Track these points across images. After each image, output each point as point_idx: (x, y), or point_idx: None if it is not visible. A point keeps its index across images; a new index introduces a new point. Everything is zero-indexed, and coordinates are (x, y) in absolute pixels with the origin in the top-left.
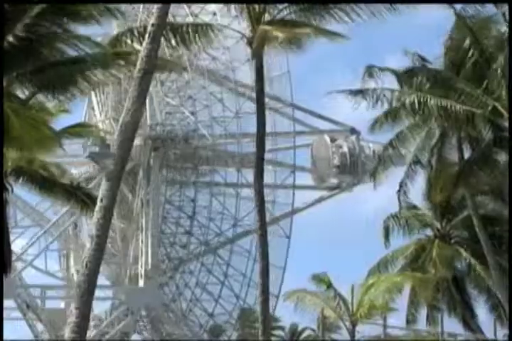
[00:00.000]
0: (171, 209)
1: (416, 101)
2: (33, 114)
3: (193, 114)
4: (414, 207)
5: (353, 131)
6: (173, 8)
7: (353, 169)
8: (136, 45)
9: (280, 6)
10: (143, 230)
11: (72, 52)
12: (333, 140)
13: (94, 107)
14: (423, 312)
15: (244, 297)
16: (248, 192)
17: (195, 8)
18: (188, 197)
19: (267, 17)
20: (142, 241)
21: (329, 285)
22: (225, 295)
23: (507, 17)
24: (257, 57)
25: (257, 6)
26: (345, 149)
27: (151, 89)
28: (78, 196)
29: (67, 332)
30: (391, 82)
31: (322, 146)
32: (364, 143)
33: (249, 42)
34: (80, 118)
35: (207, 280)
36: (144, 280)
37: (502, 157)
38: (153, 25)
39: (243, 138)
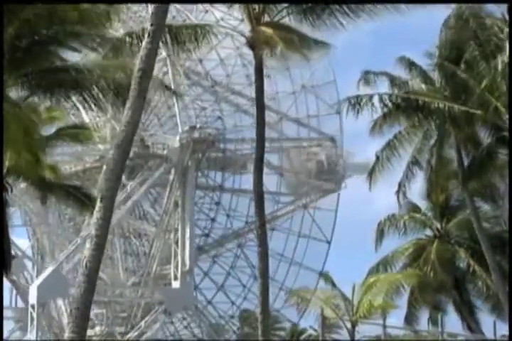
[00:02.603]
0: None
1: (413, 102)
2: (24, 117)
3: (220, 118)
4: (414, 207)
5: (331, 139)
6: (197, 13)
7: (331, 176)
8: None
9: (280, 7)
10: (178, 232)
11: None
12: (310, 147)
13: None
14: (423, 312)
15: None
16: (287, 198)
17: (220, 13)
18: (213, 200)
19: (267, 17)
20: (177, 243)
21: (333, 285)
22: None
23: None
24: (257, 57)
25: (257, 6)
26: (323, 157)
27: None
28: (77, 196)
29: (66, 332)
30: (388, 86)
31: (300, 153)
32: (340, 152)
33: (249, 43)
34: None
35: (223, 281)
36: (180, 281)
37: (503, 157)
38: (152, 25)
39: (286, 142)
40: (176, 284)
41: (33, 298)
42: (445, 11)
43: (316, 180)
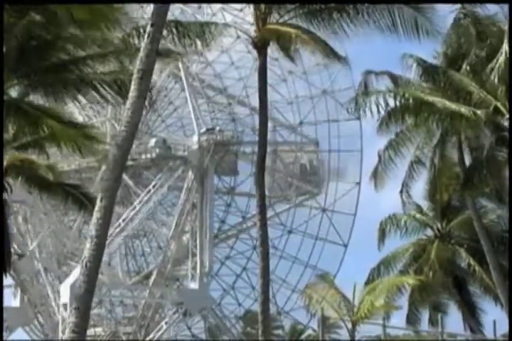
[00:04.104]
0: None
1: (415, 101)
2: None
3: (234, 120)
4: (416, 206)
5: (316, 144)
6: (204, 16)
7: (313, 179)
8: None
9: (288, 8)
10: (196, 233)
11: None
12: (293, 151)
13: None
14: (424, 313)
15: (283, 304)
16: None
17: (231, 16)
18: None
19: (275, 18)
20: (196, 245)
21: (332, 285)
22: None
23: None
24: (261, 57)
25: (263, 7)
26: (306, 161)
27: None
28: (76, 196)
29: (66, 332)
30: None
31: (284, 156)
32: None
33: (254, 43)
34: None
35: (234, 282)
36: (198, 282)
37: (503, 157)
38: (152, 25)
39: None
40: (193, 285)
41: (65, 297)
42: (452, 11)
43: (299, 183)
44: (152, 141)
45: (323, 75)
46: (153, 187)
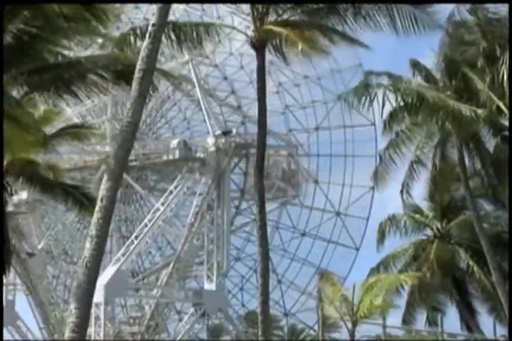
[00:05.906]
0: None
1: (416, 101)
2: (23, 116)
3: (242, 123)
4: (416, 207)
5: (295, 148)
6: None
7: (292, 183)
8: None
9: (285, 7)
10: (211, 234)
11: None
12: (275, 155)
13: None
14: (421, 312)
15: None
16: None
17: (243, 21)
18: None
19: (272, 18)
20: (212, 246)
21: (333, 284)
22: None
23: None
24: (260, 57)
25: (260, 7)
26: (285, 164)
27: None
28: (76, 196)
29: (66, 332)
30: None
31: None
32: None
33: (252, 43)
34: None
35: (242, 283)
36: (215, 283)
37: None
38: (153, 25)
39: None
40: (209, 286)
41: (98, 296)
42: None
43: (278, 186)
44: (174, 142)
45: (337, 79)
46: (175, 188)
